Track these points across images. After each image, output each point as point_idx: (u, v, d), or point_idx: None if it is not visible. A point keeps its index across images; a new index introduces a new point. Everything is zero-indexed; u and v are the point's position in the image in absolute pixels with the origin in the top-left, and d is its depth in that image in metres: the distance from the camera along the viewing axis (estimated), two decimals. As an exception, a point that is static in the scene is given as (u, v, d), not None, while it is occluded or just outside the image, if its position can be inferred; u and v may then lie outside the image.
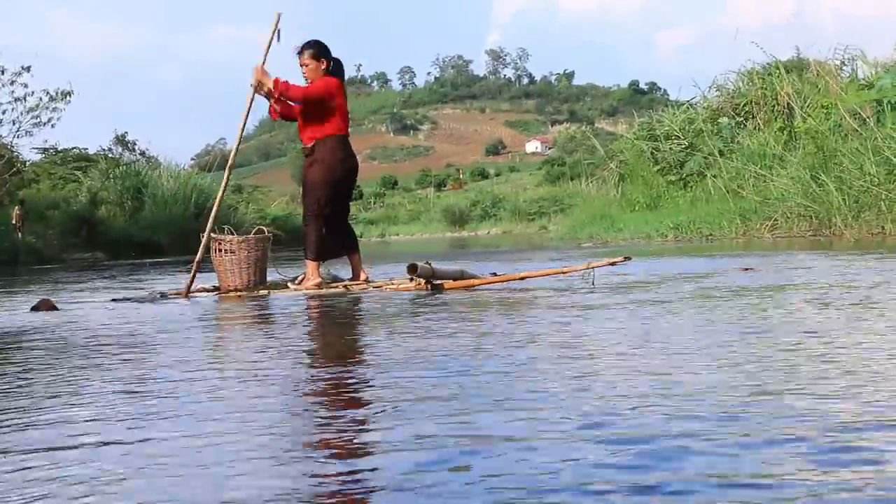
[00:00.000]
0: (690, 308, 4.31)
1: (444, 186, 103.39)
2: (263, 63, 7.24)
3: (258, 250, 7.19)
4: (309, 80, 7.24)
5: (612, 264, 6.10)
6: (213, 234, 7.22)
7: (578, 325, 3.90)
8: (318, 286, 6.98)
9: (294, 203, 46.81)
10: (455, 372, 2.70)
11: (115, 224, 28.69)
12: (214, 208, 7.42)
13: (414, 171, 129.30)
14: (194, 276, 7.14)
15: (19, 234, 23.89)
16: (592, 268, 6.07)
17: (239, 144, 7.74)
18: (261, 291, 6.99)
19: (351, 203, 7.82)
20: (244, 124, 7.59)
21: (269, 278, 7.47)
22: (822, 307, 4.07)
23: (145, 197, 30.18)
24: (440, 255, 14.46)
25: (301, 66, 7.25)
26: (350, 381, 2.73)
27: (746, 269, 6.87)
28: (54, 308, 6.42)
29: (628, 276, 6.72)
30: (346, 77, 7.60)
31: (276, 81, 7.12)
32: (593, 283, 5.94)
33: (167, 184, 30.75)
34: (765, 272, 6.54)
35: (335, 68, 7.31)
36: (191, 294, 7.00)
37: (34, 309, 6.38)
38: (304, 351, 3.80)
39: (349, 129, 7.42)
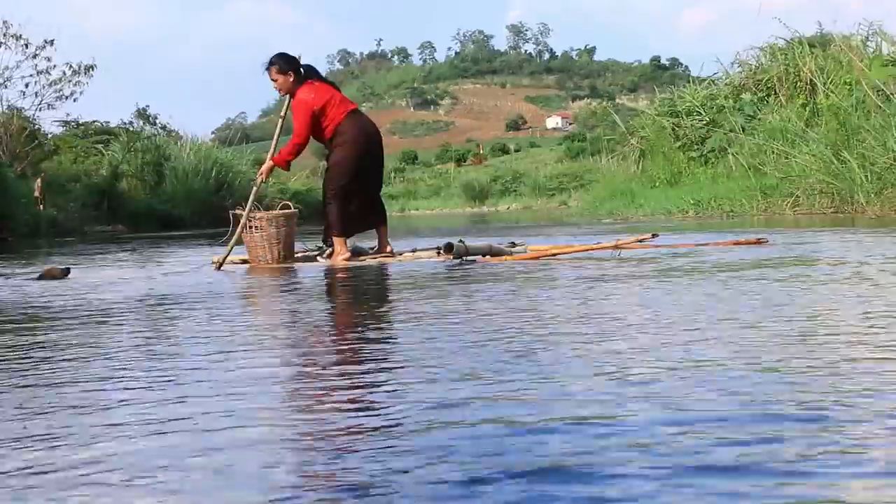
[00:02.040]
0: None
1: (465, 161, 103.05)
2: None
3: (286, 226, 7.42)
4: (280, 93, 7.54)
5: (641, 241, 6.43)
6: (242, 212, 7.43)
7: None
8: (348, 261, 7.13)
9: (314, 177, 46.86)
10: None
11: (135, 197, 28.80)
12: (251, 197, 7.58)
13: (434, 146, 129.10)
14: (230, 250, 7.34)
15: (41, 207, 24.01)
16: (619, 246, 6.28)
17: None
18: (292, 265, 7.23)
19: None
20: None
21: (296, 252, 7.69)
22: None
23: (166, 170, 30.25)
24: (462, 230, 14.47)
25: (271, 81, 7.47)
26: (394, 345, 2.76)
27: (760, 240, 6.89)
28: (63, 275, 6.50)
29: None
30: (367, 52, 7.78)
31: (274, 160, 7.47)
32: (619, 255, 6.19)
33: (188, 158, 30.81)
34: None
35: (306, 74, 7.48)
36: (222, 266, 7.18)
37: (41, 277, 6.47)
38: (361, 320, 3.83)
39: (360, 105, 7.65)
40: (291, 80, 7.37)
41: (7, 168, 24.20)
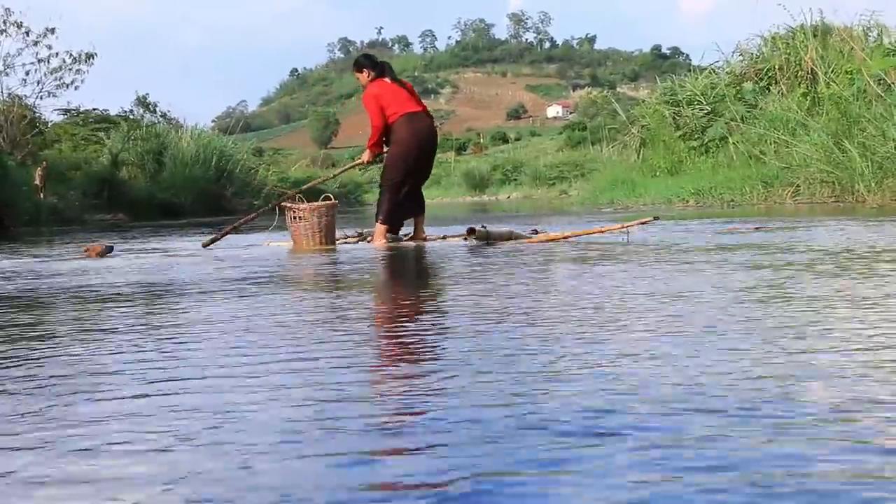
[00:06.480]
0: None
1: (465, 150, 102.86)
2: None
3: (327, 216, 8.18)
4: (362, 87, 8.58)
5: (644, 223, 7.30)
6: (287, 204, 8.31)
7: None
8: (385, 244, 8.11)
9: (315, 166, 47.23)
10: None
11: (136, 185, 28.75)
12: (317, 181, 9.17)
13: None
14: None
15: (41, 195, 24.00)
16: (626, 228, 7.13)
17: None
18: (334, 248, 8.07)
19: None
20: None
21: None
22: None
23: (166, 159, 30.17)
24: (464, 219, 14.47)
25: (356, 76, 8.72)
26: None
27: (758, 228, 7.45)
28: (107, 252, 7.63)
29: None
30: (367, 41, 8.46)
31: (367, 150, 8.44)
32: (628, 241, 6.83)
33: (188, 146, 30.72)
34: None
35: (382, 72, 8.56)
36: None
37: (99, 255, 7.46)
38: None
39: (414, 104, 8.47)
40: (366, 77, 8.48)
41: (7, 156, 24.18)
